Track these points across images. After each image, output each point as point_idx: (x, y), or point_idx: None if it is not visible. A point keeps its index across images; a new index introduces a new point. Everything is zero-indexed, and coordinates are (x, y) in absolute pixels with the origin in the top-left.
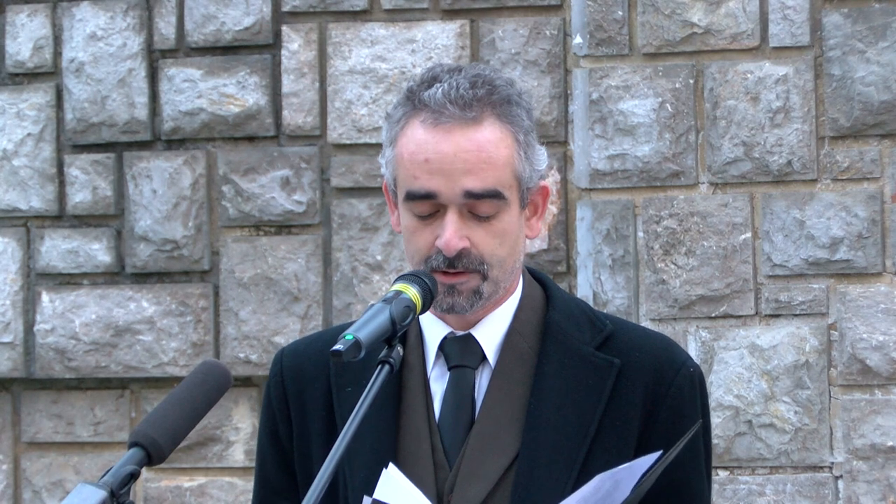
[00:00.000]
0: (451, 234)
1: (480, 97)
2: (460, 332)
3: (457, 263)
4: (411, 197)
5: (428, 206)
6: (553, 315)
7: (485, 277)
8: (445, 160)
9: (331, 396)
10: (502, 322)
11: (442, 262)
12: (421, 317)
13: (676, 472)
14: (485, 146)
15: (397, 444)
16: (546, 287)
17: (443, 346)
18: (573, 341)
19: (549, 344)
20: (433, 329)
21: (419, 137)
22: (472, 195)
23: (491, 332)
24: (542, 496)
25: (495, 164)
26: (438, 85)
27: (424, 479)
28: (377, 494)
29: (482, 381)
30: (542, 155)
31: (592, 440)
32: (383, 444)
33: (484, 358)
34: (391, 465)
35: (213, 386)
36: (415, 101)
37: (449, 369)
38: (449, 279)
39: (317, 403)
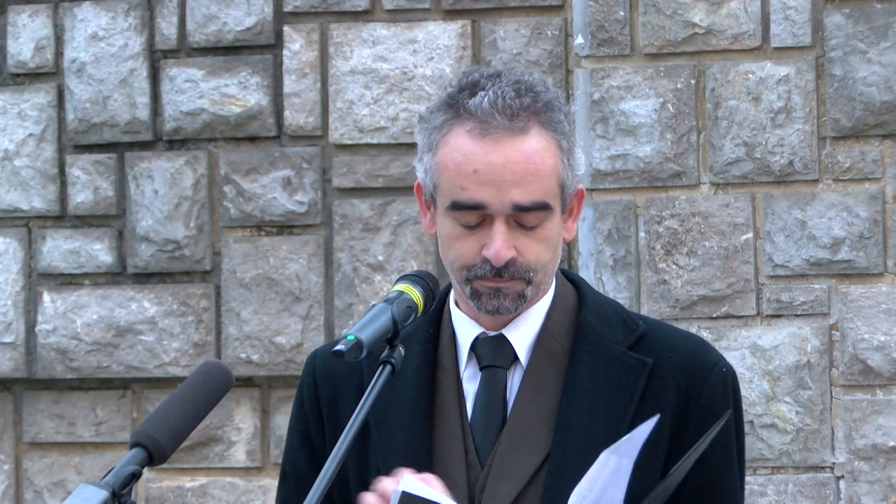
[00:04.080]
0: (501, 245)
1: (527, 106)
2: (492, 333)
3: (504, 273)
4: (458, 207)
5: (475, 216)
6: (585, 315)
7: (529, 283)
8: (495, 171)
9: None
10: (534, 322)
11: (489, 272)
12: (454, 317)
13: (709, 471)
14: (532, 157)
15: (432, 444)
16: (579, 288)
17: (474, 347)
18: (605, 341)
19: (580, 344)
20: (465, 329)
21: (467, 148)
22: (520, 208)
23: (523, 333)
24: None
25: (542, 175)
26: (483, 93)
27: (457, 480)
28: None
29: (514, 381)
30: (580, 159)
31: None
32: (418, 444)
33: (516, 358)
34: (406, 476)
35: (214, 386)
36: (458, 108)
37: (481, 369)
38: (495, 283)
39: (349, 405)
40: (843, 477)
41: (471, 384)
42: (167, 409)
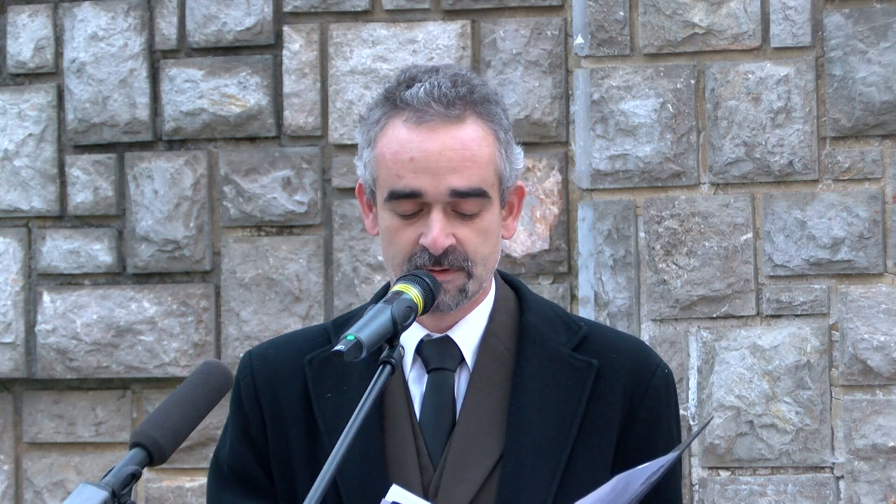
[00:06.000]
0: (438, 232)
1: (462, 95)
2: (437, 335)
3: (443, 261)
4: (395, 196)
5: (412, 204)
6: (528, 317)
7: (469, 275)
8: (431, 158)
9: (309, 402)
10: (478, 324)
11: (427, 260)
12: None
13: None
14: (469, 144)
15: (384, 447)
16: (518, 290)
17: (420, 349)
18: (550, 343)
19: (526, 346)
20: (409, 331)
21: (402, 137)
22: (457, 193)
23: (468, 334)
24: (528, 497)
25: (479, 162)
26: (419, 84)
27: (412, 482)
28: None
29: (461, 383)
30: (519, 154)
31: (575, 440)
32: (371, 447)
33: (462, 360)
34: (394, 487)
35: (214, 386)
36: (395, 100)
37: (428, 372)
38: (436, 276)
39: (294, 409)
40: (842, 477)
41: (416, 386)
42: (167, 410)
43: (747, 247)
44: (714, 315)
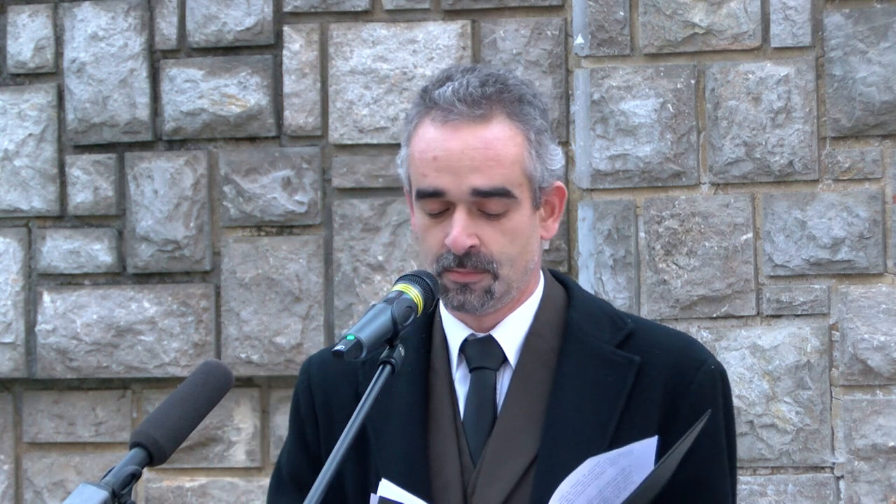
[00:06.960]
0: (459, 231)
1: (489, 95)
2: (481, 334)
3: (466, 262)
4: (421, 195)
5: (437, 203)
6: (573, 315)
7: (496, 277)
8: (453, 157)
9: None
10: (522, 323)
11: (452, 261)
12: (444, 320)
13: (697, 469)
14: (493, 144)
15: (427, 447)
16: (568, 288)
17: (463, 349)
18: (593, 340)
19: (568, 344)
20: (455, 331)
21: (429, 136)
22: (479, 193)
23: (511, 334)
24: None
25: (503, 161)
26: (449, 83)
27: (452, 482)
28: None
29: (503, 382)
30: (556, 155)
31: (612, 437)
32: (414, 448)
33: (505, 359)
34: (384, 482)
35: (214, 386)
36: (426, 99)
37: (470, 371)
38: (461, 277)
39: (344, 411)
40: (843, 477)
41: (462, 386)
42: (167, 410)
43: (747, 247)
44: (714, 315)
